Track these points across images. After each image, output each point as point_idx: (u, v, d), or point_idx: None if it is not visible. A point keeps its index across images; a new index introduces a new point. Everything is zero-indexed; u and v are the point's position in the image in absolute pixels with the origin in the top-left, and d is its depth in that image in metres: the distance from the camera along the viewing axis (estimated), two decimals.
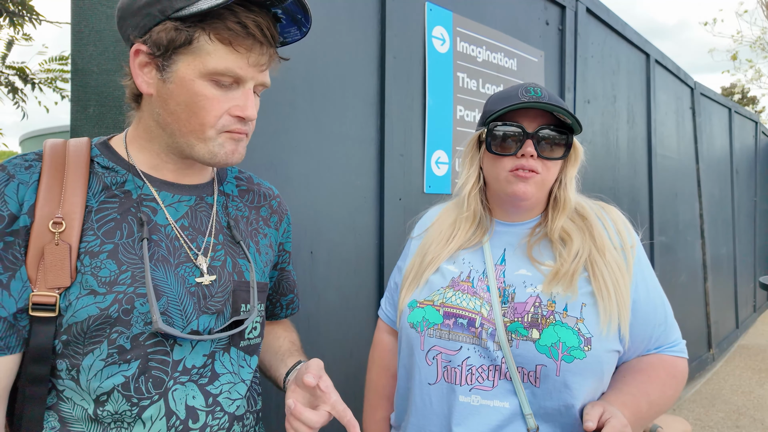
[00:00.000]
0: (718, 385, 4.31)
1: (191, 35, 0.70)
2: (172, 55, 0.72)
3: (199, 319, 0.78)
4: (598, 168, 2.92)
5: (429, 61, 1.85)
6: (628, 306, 0.90)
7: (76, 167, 0.75)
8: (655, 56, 3.61)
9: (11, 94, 3.62)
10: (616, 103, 3.14)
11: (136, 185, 0.79)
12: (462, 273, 0.99)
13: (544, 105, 0.90)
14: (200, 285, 0.79)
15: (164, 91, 0.74)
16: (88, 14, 1.17)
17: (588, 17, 2.79)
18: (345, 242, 1.64)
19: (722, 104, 5.33)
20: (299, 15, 0.77)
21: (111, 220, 0.75)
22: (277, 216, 0.99)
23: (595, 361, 0.86)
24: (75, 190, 0.73)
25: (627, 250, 0.95)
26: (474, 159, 1.03)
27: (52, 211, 0.70)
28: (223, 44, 0.71)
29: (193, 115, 0.74)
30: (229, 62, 0.72)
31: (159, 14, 0.71)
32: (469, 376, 0.91)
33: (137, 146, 0.81)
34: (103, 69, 1.18)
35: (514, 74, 2.24)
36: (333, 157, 1.59)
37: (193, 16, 0.69)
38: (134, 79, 0.76)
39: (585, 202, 1.03)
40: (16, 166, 0.72)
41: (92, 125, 1.18)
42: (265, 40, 0.74)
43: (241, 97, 0.75)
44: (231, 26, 0.70)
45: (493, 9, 2.15)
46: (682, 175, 4.18)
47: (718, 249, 4.97)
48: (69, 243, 0.70)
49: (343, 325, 1.64)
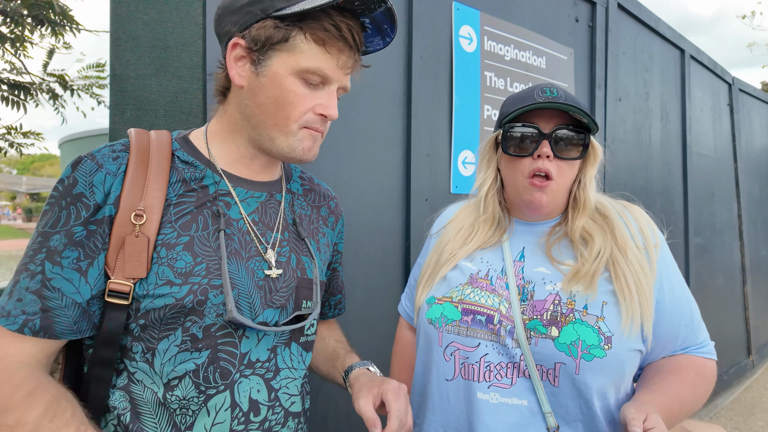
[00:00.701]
0: (759, 393, 4.14)
1: (288, 33, 0.75)
2: (268, 51, 0.76)
3: (264, 313, 0.81)
4: (629, 167, 2.84)
5: (456, 61, 1.84)
6: (651, 305, 0.89)
7: (159, 161, 0.78)
8: (690, 51, 3.50)
9: (52, 100, 3.79)
10: (648, 100, 3.05)
11: (213, 181, 0.82)
12: (480, 271, 0.99)
13: (558, 105, 0.88)
14: (267, 278, 0.82)
15: (256, 84, 0.78)
16: (125, 21, 1.21)
17: (619, 13, 2.73)
18: (372, 242, 1.65)
19: (763, 100, 5.11)
20: (386, 25, 0.81)
21: (187, 213, 0.78)
22: (334, 216, 1.03)
23: (616, 360, 0.85)
24: (157, 184, 0.76)
25: (650, 248, 0.93)
26: (491, 160, 1.03)
27: (135, 203, 0.73)
28: (317, 44, 0.76)
29: (280, 108, 0.78)
30: (321, 62, 0.77)
31: (260, 12, 0.75)
32: (488, 372, 0.90)
33: (218, 139, 0.85)
34: (140, 74, 1.22)
35: (543, 72, 2.20)
36: (360, 157, 1.60)
37: (291, 16, 0.74)
38: (228, 70, 0.80)
39: (607, 201, 1.02)
40: (104, 157, 0.75)
41: (129, 128, 1.23)
42: (354, 45, 0.78)
43: (325, 97, 0.80)
44: (327, 27, 0.75)
45: (521, 7, 2.12)
46: (719, 174, 4.03)
47: (758, 251, 4.77)
48: (148, 236, 0.73)
49: (370, 324, 1.64)
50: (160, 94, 1.23)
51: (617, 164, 2.71)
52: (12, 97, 3.34)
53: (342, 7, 0.76)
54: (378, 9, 0.77)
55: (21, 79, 3.61)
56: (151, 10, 1.22)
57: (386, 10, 0.77)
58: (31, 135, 3.83)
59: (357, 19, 0.79)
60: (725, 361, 3.99)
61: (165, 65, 1.23)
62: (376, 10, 0.77)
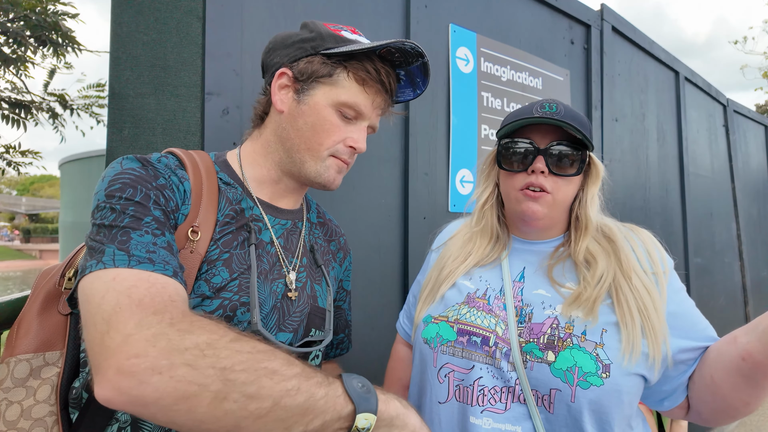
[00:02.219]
0: (764, 416, 4.06)
1: (333, 70, 0.83)
2: (312, 83, 0.84)
3: (276, 336, 0.82)
4: (627, 187, 2.85)
5: (453, 81, 1.86)
6: (659, 327, 0.84)
7: (209, 180, 0.81)
8: (684, 73, 3.54)
9: (51, 120, 3.81)
10: (645, 121, 3.08)
11: (248, 205, 0.85)
12: (479, 290, 0.96)
13: (551, 120, 0.87)
14: (285, 299, 0.85)
15: (296, 110, 0.85)
16: (125, 41, 1.23)
17: (614, 35, 2.77)
18: (369, 261, 1.63)
19: (758, 121, 5.16)
20: (419, 78, 0.91)
21: (230, 232, 0.80)
22: (342, 253, 1.06)
23: (614, 390, 0.81)
24: (211, 202, 0.78)
25: (659, 274, 0.90)
26: (490, 174, 1.03)
27: (193, 219, 0.75)
28: (357, 83, 0.84)
29: (315, 134, 0.84)
30: (359, 99, 0.85)
31: (311, 49, 0.84)
32: (481, 396, 0.87)
33: (251, 160, 0.89)
34: (138, 93, 1.23)
35: (539, 93, 2.23)
36: (358, 176, 1.60)
37: (338, 55, 0.83)
38: (272, 96, 0.87)
39: (613, 224, 0.99)
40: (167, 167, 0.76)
41: (127, 146, 1.23)
42: (389, 90, 0.87)
43: (357, 131, 0.87)
44: (368, 69, 0.84)
45: (518, 29, 2.16)
46: (717, 195, 4.04)
47: (758, 271, 4.74)
48: (200, 253, 0.74)
49: (368, 345, 1.62)
50: (158, 112, 1.23)
51: (615, 184, 2.72)
52: (12, 115, 3.37)
53: (383, 56, 0.85)
54: (415, 63, 0.86)
55: (21, 98, 3.64)
56: (152, 30, 1.23)
57: (422, 64, 0.87)
58: (30, 154, 3.84)
59: (394, 70, 0.88)
60: None
61: (164, 84, 1.24)
62: (413, 64, 0.87)
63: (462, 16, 1.92)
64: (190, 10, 1.25)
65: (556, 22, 2.38)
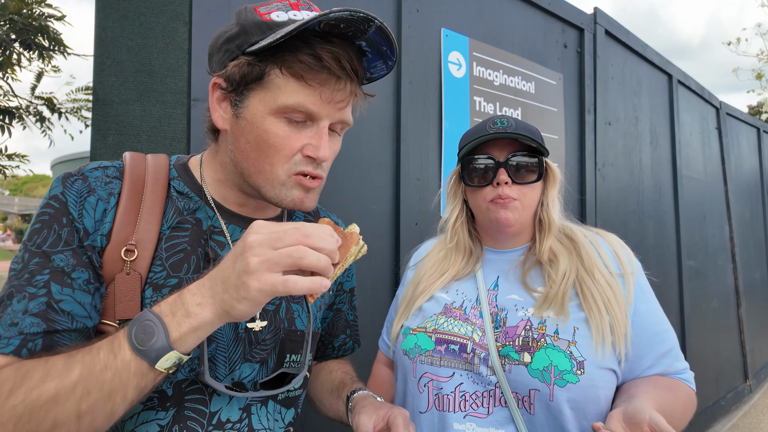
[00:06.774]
0: (757, 418, 4.07)
1: (263, 70, 0.68)
2: (245, 91, 0.70)
3: (241, 368, 0.74)
4: (621, 191, 2.85)
5: (445, 86, 1.85)
6: (623, 323, 0.89)
7: (154, 191, 0.72)
8: (677, 76, 3.55)
9: (39, 123, 3.76)
10: (638, 124, 3.08)
11: (207, 215, 0.76)
12: (455, 302, 1.00)
13: (508, 134, 0.94)
14: (250, 331, 0.75)
15: (236, 127, 0.72)
16: (110, 46, 1.20)
17: (607, 39, 2.77)
18: (360, 267, 1.61)
19: (750, 124, 5.18)
20: (384, 47, 0.72)
21: (180, 251, 0.72)
22: None
23: (589, 386, 0.84)
24: (151, 216, 0.70)
25: (626, 275, 0.95)
26: (457, 193, 1.07)
27: (127, 237, 0.68)
28: (294, 78, 0.68)
29: (262, 154, 0.70)
30: (300, 97, 0.68)
31: (236, 49, 0.69)
32: (463, 402, 0.90)
33: (212, 170, 0.79)
34: (123, 99, 1.20)
35: (532, 97, 2.22)
36: (349, 181, 1.58)
37: (265, 50, 0.67)
38: (211, 113, 0.74)
39: (575, 227, 1.05)
40: (97, 180, 0.69)
41: (111, 153, 1.20)
42: (343, 74, 0.69)
43: (314, 136, 0.71)
44: (302, 59, 0.67)
45: (510, 33, 2.15)
46: (709, 197, 4.05)
47: (751, 274, 4.76)
48: (140, 272, 0.68)
49: (358, 354, 1.60)
50: (143, 119, 1.21)
51: (608, 188, 2.71)
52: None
53: (329, 32, 0.67)
54: (369, 29, 0.67)
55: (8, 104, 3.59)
56: (136, 35, 1.21)
57: (377, 29, 0.67)
58: (16, 157, 3.78)
59: (351, 44, 0.70)
60: (722, 386, 3.94)
61: (149, 90, 1.21)
62: (368, 31, 0.68)
63: (454, 20, 1.91)
64: (176, 14, 1.23)
65: (549, 25, 2.37)
